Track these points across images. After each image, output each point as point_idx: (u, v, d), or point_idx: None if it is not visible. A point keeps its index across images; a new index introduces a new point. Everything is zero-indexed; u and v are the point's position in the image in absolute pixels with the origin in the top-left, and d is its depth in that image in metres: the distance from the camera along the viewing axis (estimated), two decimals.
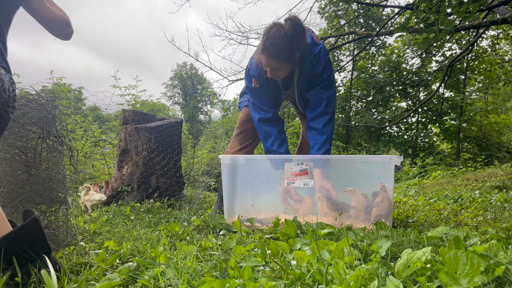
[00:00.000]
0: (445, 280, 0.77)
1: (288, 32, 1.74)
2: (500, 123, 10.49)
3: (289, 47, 1.76)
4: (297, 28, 1.75)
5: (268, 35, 1.76)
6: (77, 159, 3.68)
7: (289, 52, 1.77)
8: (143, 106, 8.23)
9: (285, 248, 1.21)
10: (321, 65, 1.91)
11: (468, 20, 4.19)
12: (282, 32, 1.74)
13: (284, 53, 1.77)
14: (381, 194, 1.72)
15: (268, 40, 1.75)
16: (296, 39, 1.76)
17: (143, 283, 0.94)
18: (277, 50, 1.76)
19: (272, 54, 1.77)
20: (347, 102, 12.19)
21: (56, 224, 1.54)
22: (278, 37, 1.73)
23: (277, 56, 1.77)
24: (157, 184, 2.81)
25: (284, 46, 1.75)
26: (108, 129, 8.53)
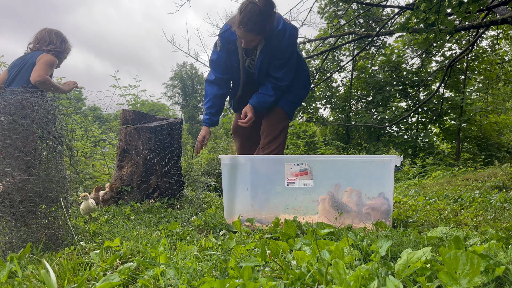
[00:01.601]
0: (445, 280, 0.77)
1: (262, 9, 1.97)
2: (500, 123, 10.48)
3: (263, 22, 2.00)
4: (268, 5, 2.00)
5: (245, 11, 1.97)
6: (77, 159, 3.68)
7: (263, 26, 2.01)
8: (143, 106, 8.22)
9: (285, 248, 1.21)
10: (285, 42, 2.13)
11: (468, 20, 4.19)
12: (257, 9, 1.96)
13: (259, 27, 2.00)
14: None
15: (245, 17, 1.97)
16: (268, 14, 2.00)
17: (143, 283, 0.94)
18: (253, 25, 1.98)
19: (249, 29, 2.00)
20: (347, 102, 12.19)
21: (56, 224, 1.54)
22: (254, 14, 1.96)
23: (253, 30, 2.01)
24: (157, 184, 2.81)
25: (259, 22, 1.99)
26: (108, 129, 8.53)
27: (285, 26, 2.12)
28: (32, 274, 1.07)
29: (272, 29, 2.08)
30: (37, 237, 1.47)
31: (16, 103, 1.49)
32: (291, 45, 2.15)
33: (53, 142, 1.56)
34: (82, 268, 1.14)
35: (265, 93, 2.29)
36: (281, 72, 2.23)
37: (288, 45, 2.14)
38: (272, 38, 2.12)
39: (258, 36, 2.06)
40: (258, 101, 2.28)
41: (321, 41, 7.35)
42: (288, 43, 2.13)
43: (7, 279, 1.08)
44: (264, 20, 1.99)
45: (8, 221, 1.44)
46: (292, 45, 2.16)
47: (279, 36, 2.10)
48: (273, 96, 2.29)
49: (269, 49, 2.16)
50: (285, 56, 2.18)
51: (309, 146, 11.34)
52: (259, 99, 2.28)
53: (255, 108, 2.26)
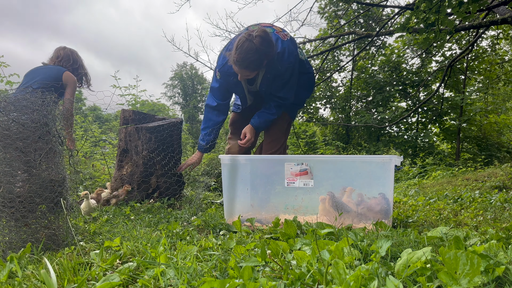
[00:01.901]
0: (445, 280, 0.77)
1: (259, 48, 1.96)
2: (500, 123, 10.48)
3: (259, 59, 1.99)
4: (265, 44, 1.98)
5: (240, 49, 1.96)
6: (77, 159, 3.69)
7: (259, 64, 2.02)
8: (143, 106, 8.21)
9: (285, 248, 1.21)
10: (285, 64, 2.12)
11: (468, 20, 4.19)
12: (253, 47, 1.95)
13: (254, 65, 2.00)
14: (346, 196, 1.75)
15: (240, 55, 1.96)
16: (264, 52, 1.99)
17: (143, 283, 0.94)
18: (248, 63, 1.99)
19: (245, 66, 2.00)
20: (347, 102, 12.19)
21: (56, 224, 1.54)
22: (249, 52, 1.95)
23: (249, 67, 2.01)
24: (157, 184, 2.81)
25: (255, 60, 1.99)
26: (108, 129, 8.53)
27: (283, 46, 2.10)
28: (32, 274, 1.07)
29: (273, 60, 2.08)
30: (37, 237, 1.47)
31: (16, 103, 1.49)
32: (290, 64, 2.14)
33: (53, 142, 1.56)
34: (82, 268, 1.14)
35: (267, 111, 2.31)
36: (283, 91, 2.24)
37: (287, 66, 2.13)
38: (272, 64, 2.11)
39: (254, 72, 2.07)
40: (259, 121, 2.30)
41: (321, 41, 7.35)
42: (288, 63, 2.12)
43: (7, 279, 1.08)
44: (260, 58, 1.99)
45: (8, 221, 1.44)
46: (291, 64, 2.14)
47: (278, 60, 2.10)
48: (275, 114, 2.31)
49: (271, 75, 2.17)
50: (286, 77, 2.18)
51: (309, 146, 11.35)
52: (261, 118, 2.30)
53: (256, 128, 2.30)
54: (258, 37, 1.95)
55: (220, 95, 2.37)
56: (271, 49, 2.01)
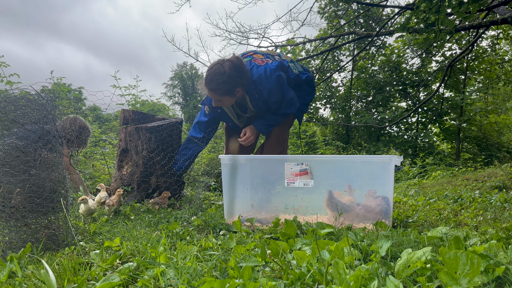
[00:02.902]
0: (445, 280, 0.77)
1: (227, 72, 2.00)
2: (500, 123, 10.48)
3: (227, 84, 2.02)
4: (235, 70, 2.01)
5: (209, 71, 2.03)
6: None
7: (227, 88, 2.04)
8: (143, 106, 8.21)
9: (285, 248, 1.21)
10: (265, 89, 2.12)
11: (468, 20, 4.19)
12: (221, 70, 2.00)
13: (222, 89, 2.04)
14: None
15: (208, 76, 2.03)
16: (233, 79, 2.01)
17: (143, 283, 0.94)
18: (215, 86, 2.03)
19: (212, 88, 2.04)
20: (347, 102, 12.19)
21: (56, 224, 1.54)
22: (217, 75, 2.00)
23: (216, 90, 2.04)
24: (157, 183, 2.81)
25: (222, 83, 2.01)
26: (108, 129, 8.52)
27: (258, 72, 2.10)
28: (32, 274, 1.07)
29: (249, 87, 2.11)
30: (37, 237, 1.47)
31: (16, 102, 1.49)
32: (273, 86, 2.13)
33: (53, 142, 1.56)
34: (82, 268, 1.14)
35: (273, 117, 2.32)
36: (282, 109, 2.26)
37: (270, 89, 2.12)
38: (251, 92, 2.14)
39: (223, 97, 2.08)
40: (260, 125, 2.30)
41: (321, 41, 7.35)
42: (269, 87, 2.12)
43: (7, 279, 1.08)
44: (229, 82, 2.01)
45: (8, 221, 1.44)
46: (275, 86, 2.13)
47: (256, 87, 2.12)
48: (279, 121, 2.33)
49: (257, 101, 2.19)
50: (276, 100, 2.18)
51: (309, 146, 11.35)
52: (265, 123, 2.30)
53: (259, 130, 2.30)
54: (228, 61, 2.01)
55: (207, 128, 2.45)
56: (243, 75, 2.03)
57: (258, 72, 2.11)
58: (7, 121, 1.46)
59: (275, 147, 2.42)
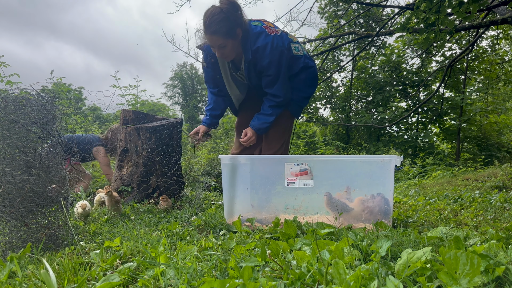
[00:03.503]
0: (445, 280, 0.77)
1: (224, 8, 1.92)
2: (500, 123, 10.49)
3: (227, 21, 1.92)
4: (230, 4, 1.94)
5: (206, 15, 1.94)
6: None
7: (228, 26, 1.94)
8: (143, 106, 8.21)
9: (285, 248, 1.21)
10: (266, 59, 2.05)
11: (468, 20, 4.19)
12: (217, 10, 1.93)
13: (224, 27, 1.93)
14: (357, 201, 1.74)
15: (207, 19, 1.94)
16: (231, 13, 1.94)
17: (143, 283, 0.94)
18: (216, 26, 1.92)
19: (213, 30, 1.93)
20: (347, 102, 12.19)
21: (56, 224, 1.54)
22: (215, 15, 1.92)
23: (218, 31, 1.93)
24: (157, 184, 2.81)
25: (222, 21, 1.91)
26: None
27: (266, 40, 2.04)
28: (32, 274, 1.07)
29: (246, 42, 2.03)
30: (37, 237, 1.47)
31: (16, 102, 1.49)
32: (275, 59, 2.05)
33: (53, 142, 1.56)
34: (82, 268, 1.14)
35: (264, 113, 2.24)
36: (273, 89, 2.15)
37: (270, 61, 2.04)
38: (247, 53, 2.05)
39: (227, 39, 1.97)
40: (258, 123, 2.23)
41: (321, 41, 7.35)
42: (271, 59, 2.04)
43: (7, 279, 1.08)
44: (228, 20, 1.92)
45: (8, 221, 1.44)
46: (274, 58, 2.06)
47: (258, 53, 2.04)
48: (272, 115, 2.23)
49: (252, 65, 2.10)
50: (271, 73, 2.09)
51: (309, 146, 11.35)
52: (260, 120, 2.24)
53: (256, 130, 2.23)
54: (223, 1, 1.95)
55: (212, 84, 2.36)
56: (238, 12, 1.97)
57: (266, 40, 2.04)
58: (7, 121, 1.46)
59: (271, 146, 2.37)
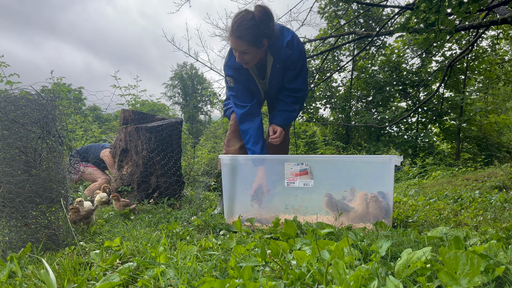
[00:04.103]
0: (445, 280, 0.77)
1: (256, 17, 1.86)
2: (500, 123, 10.49)
3: (256, 29, 1.86)
4: (264, 14, 1.87)
5: (236, 18, 1.89)
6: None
7: (256, 34, 1.87)
8: (143, 106, 8.21)
9: (285, 248, 1.21)
10: (296, 51, 2.03)
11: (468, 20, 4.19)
12: (250, 15, 1.87)
13: (250, 34, 1.86)
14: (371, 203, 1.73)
15: (236, 22, 1.86)
16: (263, 23, 1.87)
17: (143, 283, 0.94)
18: (244, 31, 1.86)
19: (239, 35, 1.87)
20: (347, 102, 12.19)
21: (56, 224, 1.54)
22: (245, 20, 1.86)
23: (244, 37, 1.87)
24: (157, 183, 2.81)
25: (250, 27, 1.85)
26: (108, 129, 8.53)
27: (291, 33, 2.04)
28: (32, 274, 1.07)
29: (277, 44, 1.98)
30: (37, 237, 1.47)
31: (16, 102, 1.49)
32: (303, 52, 2.07)
33: (53, 142, 1.56)
34: (82, 268, 1.14)
35: (287, 109, 2.17)
36: (297, 82, 2.12)
37: (300, 52, 2.05)
38: (281, 52, 2.00)
39: (251, 46, 1.91)
40: (283, 120, 2.15)
41: (321, 41, 7.35)
42: (299, 50, 2.04)
43: (7, 278, 1.08)
44: (258, 28, 1.85)
45: (8, 221, 1.44)
46: (303, 52, 2.07)
47: (289, 48, 2.01)
48: (296, 111, 2.18)
49: (281, 64, 2.06)
50: (299, 65, 2.08)
51: (309, 146, 11.35)
52: (284, 116, 2.16)
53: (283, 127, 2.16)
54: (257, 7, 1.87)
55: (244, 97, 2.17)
56: (270, 23, 1.89)
57: (290, 33, 2.03)
58: (7, 121, 1.46)
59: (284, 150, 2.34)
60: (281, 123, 2.16)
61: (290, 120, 2.20)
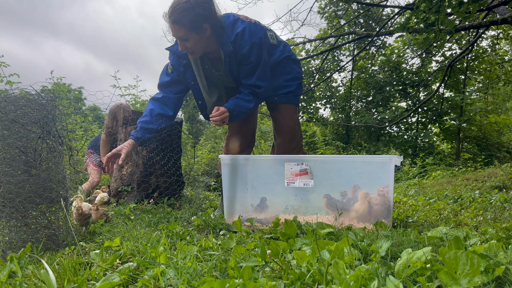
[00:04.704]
0: (445, 280, 0.77)
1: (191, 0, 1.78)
2: (500, 123, 10.50)
3: (192, 12, 1.77)
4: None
5: (172, 3, 1.80)
6: (77, 159, 3.68)
7: (193, 18, 1.78)
8: (143, 106, 8.22)
9: (285, 248, 1.21)
10: (246, 45, 1.90)
11: (468, 20, 4.19)
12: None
13: (186, 17, 1.77)
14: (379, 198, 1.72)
15: (171, 7, 1.78)
16: (198, 5, 1.78)
17: (143, 283, 0.94)
18: (179, 14, 1.76)
19: (174, 19, 1.78)
20: (347, 102, 12.19)
21: (56, 224, 1.54)
22: (180, 3, 1.77)
23: (181, 20, 1.78)
24: (157, 183, 2.81)
25: (185, 10, 1.76)
26: None
27: (243, 25, 1.91)
28: (32, 274, 1.07)
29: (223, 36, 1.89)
30: (37, 237, 1.47)
31: (16, 102, 1.49)
32: (255, 44, 1.91)
33: (53, 142, 1.56)
34: (82, 268, 1.14)
35: (242, 98, 2.02)
36: (253, 78, 1.98)
37: (251, 46, 1.90)
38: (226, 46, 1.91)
39: (190, 31, 1.81)
40: (234, 105, 1.98)
41: (321, 41, 7.35)
42: (251, 44, 1.90)
43: (7, 279, 1.08)
44: (193, 10, 1.76)
45: (8, 221, 1.44)
46: (256, 44, 1.91)
47: (237, 41, 1.90)
48: (252, 102, 2.02)
49: (233, 57, 1.95)
50: (252, 60, 1.93)
51: (309, 146, 11.36)
52: (235, 102, 1.99)
53: (230, 111, 1.95)
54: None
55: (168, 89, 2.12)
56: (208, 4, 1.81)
57: (243, 25, 1.90)
58: (7, 121, 1.46)
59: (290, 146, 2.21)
60: (231, 107, 1.96)
61: (242, 108, 1.99)
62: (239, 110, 1.99)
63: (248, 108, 2.02)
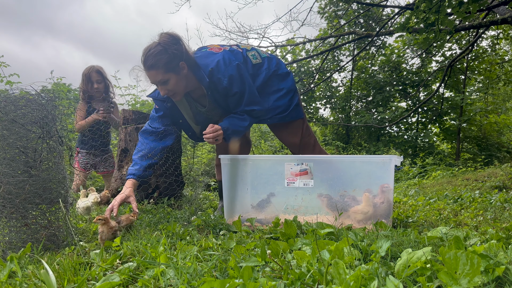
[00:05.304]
0: (445, 280, 0.77)
1: (162, 42, 1.78)
2: (500, 123, 10.50)
3: (165, 54, 1.77)
4: (169, 37, 1.80)
5: (143, 51, 1.80)
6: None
7: (168, 59, 1.78)
8: (143, 106, 8.21)
9: (285, 248, 1.21)
10: (225, 78, 1.87)
11: (468, 20, 4.19)
12: (155, 43, 1.79)
13: (161, 60, 1.77)
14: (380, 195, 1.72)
15: (144, 55, 1.79)
16: (170, 46, 1.79)
17: (143, 283, 0.94)
18: (154, 58, 1.76)
19: (151, 64, 1.77)
20: (347, 102, 12.19)
21: (56, 224, 1.54)
22: (151, 48, 1.77)
23: (156, 64, 1.77)
24: (157, 183, 2.81)
25: (159, 53, 1.76)
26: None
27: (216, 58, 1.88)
28: (32, 274, 1.07)
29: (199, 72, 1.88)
30: (37, 237, 1.47)
31: (16, 102, 1.49)
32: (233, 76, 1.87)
33: (53, 142, 1.56)
34: (82, 268, 1.14)
35: (236, 116, 1.99)
36: (242, 106, 1.96)
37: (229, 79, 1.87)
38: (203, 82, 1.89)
39: (167, 73, 1.80)
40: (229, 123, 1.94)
41: (321, 41, 7.35)
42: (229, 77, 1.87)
43: (7, 279, 1.08)
44: (167, 52, 1.77)
45: (8, 221, 1.44)
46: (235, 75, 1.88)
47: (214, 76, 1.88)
48: (246, 120, 1.99)
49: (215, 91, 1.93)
50: (236, 91, 1.90)
51: None
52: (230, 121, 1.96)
53: (224, 130, 1.91)
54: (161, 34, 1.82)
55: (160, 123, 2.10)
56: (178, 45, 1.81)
57: (216, 59, 1.87)
58: (7, 121, 1.46)
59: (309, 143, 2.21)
60: (225, 126, 1.92)
61: (236, 127, 1.96)
62: (234, 129, 1.96)
63: (243, 126, 1.99)
